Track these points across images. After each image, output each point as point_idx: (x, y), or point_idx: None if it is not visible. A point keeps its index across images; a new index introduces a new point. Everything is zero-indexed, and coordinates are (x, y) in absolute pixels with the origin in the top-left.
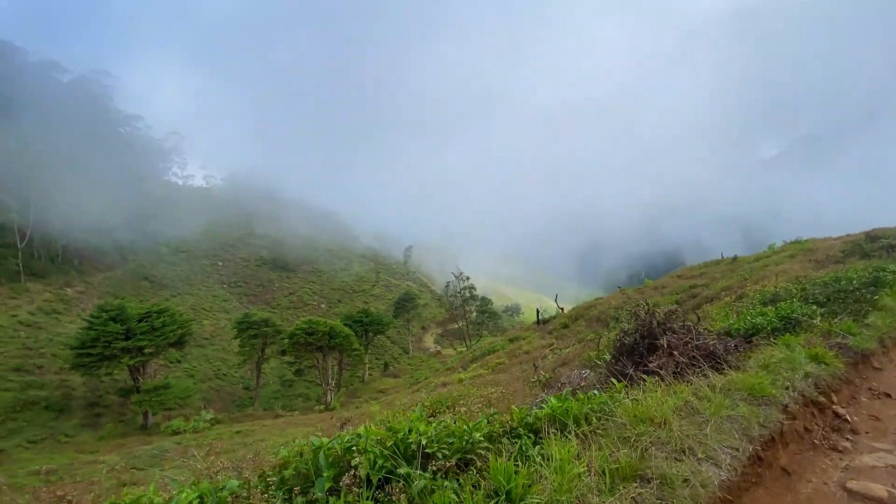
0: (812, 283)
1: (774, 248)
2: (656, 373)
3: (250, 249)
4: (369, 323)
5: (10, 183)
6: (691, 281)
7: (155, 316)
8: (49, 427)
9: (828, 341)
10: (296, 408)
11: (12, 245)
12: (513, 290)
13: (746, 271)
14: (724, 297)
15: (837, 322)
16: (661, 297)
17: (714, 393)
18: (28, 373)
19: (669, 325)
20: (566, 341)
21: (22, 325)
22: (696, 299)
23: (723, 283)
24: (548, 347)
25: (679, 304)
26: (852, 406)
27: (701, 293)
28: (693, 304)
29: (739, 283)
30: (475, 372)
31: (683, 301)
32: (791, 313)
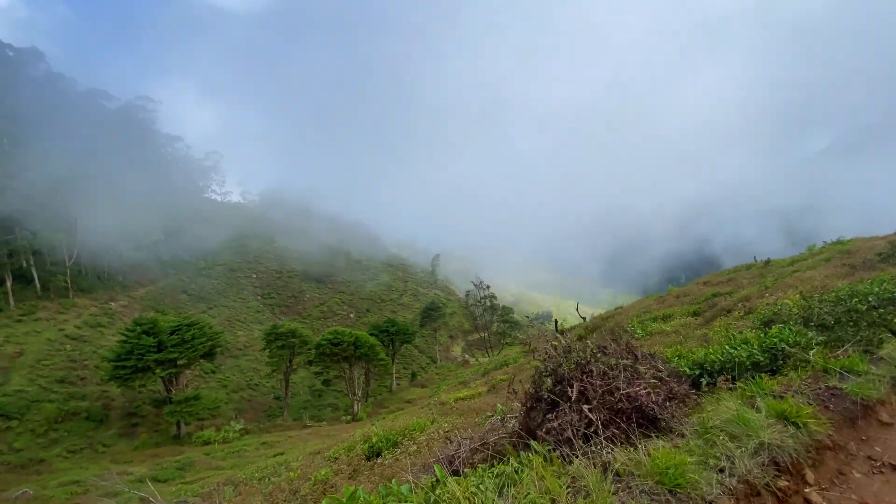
0: (822, 298)
1: (814, 249)
2: (560, 435)
3: (282, 262)
4: (395, 332)
5: (58, 205)
6: (716, 288)
7: (185, 329)
8: (88, 437)
9: (816, 385)
10: (324, 418)
11: (61, 263)
12: (544, 296)
13: (773, 278)
14: (737, 310)
15: (840, 355)
16: (679, 306)
17: (603, 481)
18: (71, 384)
19: (590, 366)
20: None
21: (68, 338)
22: (713, 310)
23: (742, 293)
24: None
25: (698, 314)
26: (838, 487)
27: (720, 303)
28: (710, 316)
29: (759, 293)
30: (475, 390)
31: (703, 311)
32: (779, 342)
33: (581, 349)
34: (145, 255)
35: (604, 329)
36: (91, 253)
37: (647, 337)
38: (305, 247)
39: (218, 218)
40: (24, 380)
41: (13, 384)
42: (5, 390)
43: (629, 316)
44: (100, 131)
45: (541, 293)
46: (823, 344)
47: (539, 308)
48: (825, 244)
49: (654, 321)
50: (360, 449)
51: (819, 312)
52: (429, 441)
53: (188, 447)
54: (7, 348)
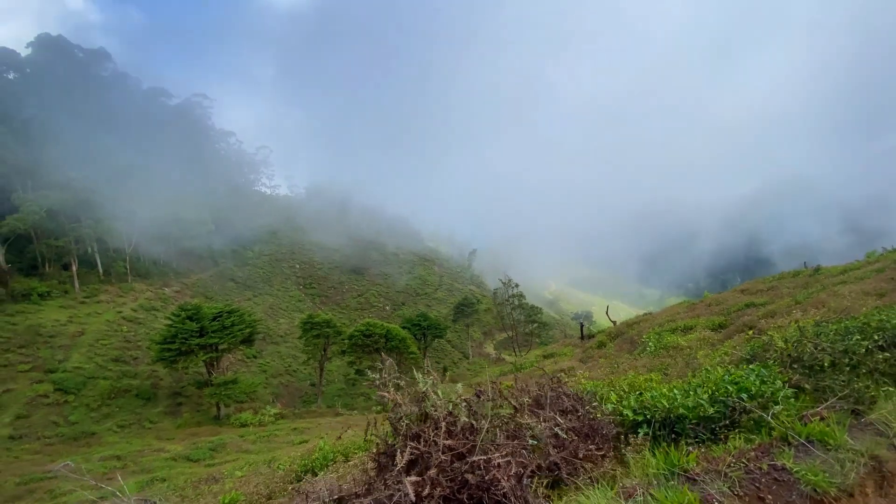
0: (820, 331)
1: (872, 256)
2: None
3: (324, 253)
4: (427, 327)
5: (119, 195)
6: (753, 297)
7: (226, 316)
8: (137, 413)
9: (760, 461)
10: (356, 407)
11: (122, 250)
12: (586, 294)
13: (812, 290)
14: (754, 328)
15: (815, 415)
16: (707, 316)
17: None
18: (125, 363)
19: (442, 421)
20: (589, 364)
21: (125, 320)
22: (737, 324)
23: (770, 307)
24: (564, 371)
25: (722, 327)
26: None
27: (744, 317)
28: (732, 331)
29: (787, 308)
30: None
31: (728, 324)
32: (736, 393)
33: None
34: (197, 244)
35: (626, 336)
36: (148, 241)
37: (656, 353)
38: (345, 239)
39: (266, 210)
40: (83, 357)
41: (73, 361)
42: (65, 367)
43: (654, 324)
44: (160, 127)
45: (584, 291)
46: (806, 394)
47: (579, 306)
48: (884, 251)
49: (672, 333)
50: (296, 465)
51: (811, 351)
52: (353, 466)
53: (226, 428)
54: (70, 328)
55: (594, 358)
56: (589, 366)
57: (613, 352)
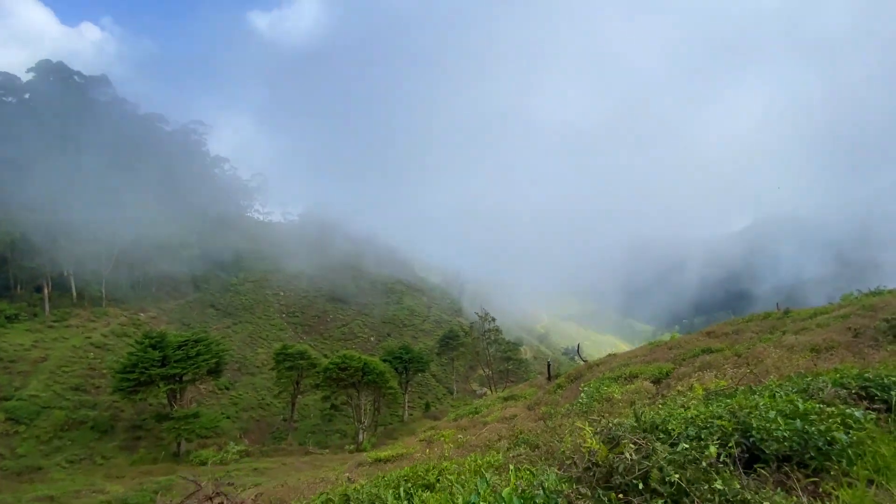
0: (682, 417)
1: (847, 299)
2: None
3: (311, 281)
4: (409, 360)
5: (101, 219)
6: (716, 341)
7: (191, 345)
8: (90, 448)
9: None
10: (330, 444)
11: (100, 273)
12: (578, 328)
13: (768, 337)
14: (673, 388)
15: None
16: (661, 362)
17: None
18: (85, 392)
19: None
20: (525, 415)
21: (93, 346)
22: (667, 380)
23: (708, 359)
24: (506, 419)
25: (668, 376)
26: None
27: (684, 368)
28: (669, 383)
29: (725, 360)
30: (407, 447)
31: (671, 373)
32: None
33: None
34: (181, 268)
35: (585, 378)
36: (128, 265)
37: (588, 406)
38: (335, 267)
39: (256, 236)
40: (41, 385)
41: (30, 389)
42: (20, 395)
43: (610, 367)
44: (152, 152)
45: (578, 325)
46: None
47: (570, 341)
48: (858, 294)
49: (615, 381)
50: None
51: (629, 460)
52: None
53: (183, 466)
54: (33, 353)
55: (540, 405)
56: (524, 416)
57: (560, 398)
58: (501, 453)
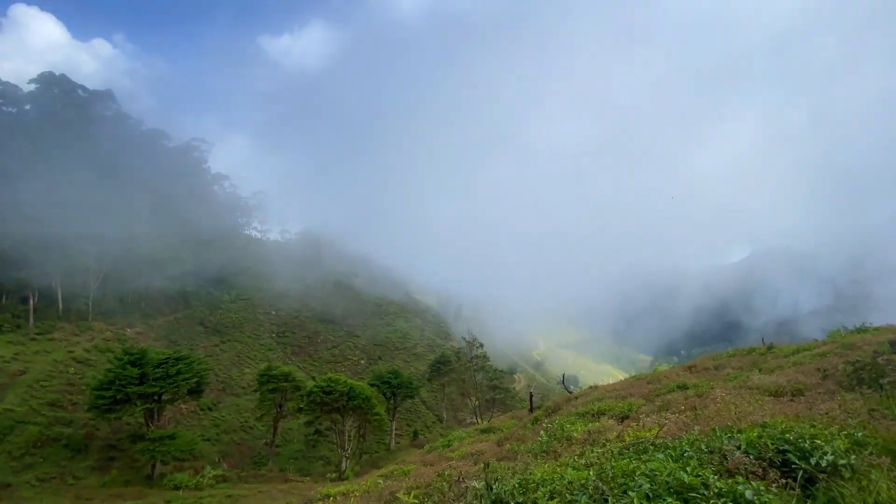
0: None
1: (832, 335)
2: None
3: (303, 301)
4: (398, 385)
5: (93, 232)
6: (693, 376)
7: (171, 363)
8: (62, 466)
9: None
10: (313, 471)
11: (88, 286)
12: (577, 357)
13: (743, 373)
14: (610, 435)
15: None
16: (636, 397)
17: None
18: (61, 408)
19: None
20: (489, 454)
21: (75, 360)
22: (628, 420)
23: (669, 397)
24: (464, 457)
25: (626, 417)
26: None
27: (643, 408)
28: (625, 424)
29: (684, 400)
30: (350, 484)
31: (638, 409)
32: None
33: None
34: (171, 284)
35: (563, 412)
36: (119, 279)
37: (547, 444)
38: (328, 287)
39: (251, 254)
40: (18, 399)
41: (6, 402)
42: None
43: (588, 400)
44: (152, 168)
45: (575, 353)
46: None
47: (566, 369)
48: (844, 331)
49: (583, 417)
50: None
51: None
52: None
53: (156, 490)
54: (13, 366)
55: (511, 440)
56: (490, 452)
57: (532, 433)
58: None
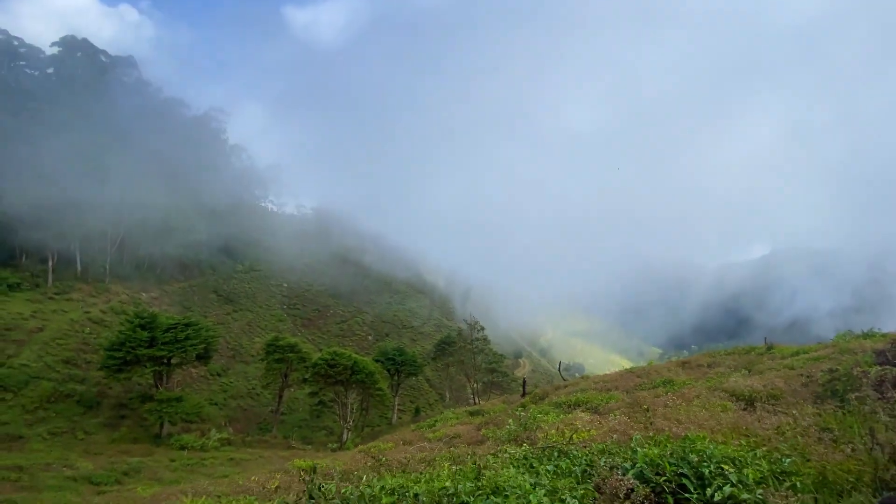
0: None
1: (839, 338)
2: None
3: (316, 274)
4: (402, 362)
5: (110, 196)
6: (685, 374)
7: (181, 328)
8: (74, 421)
9: None
10: (315, 440)
11: (105, 250)
12: (584, 345)
13: (711, 377)
14: (600, 420)
15: None
16: (621, 391)
17: None
18: (75, 366)
19: None
20: (465, 439)
21: (91, 321)
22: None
23: (640, 395)
24: (440, 439)
25: (596, 411)
26: None
27: (614, 405)
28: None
29: (654, 398)
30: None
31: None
32: None
33: None
34: (187, 252)
35: (551, 401)
36: (136, 244)
37: (514, 434)
38: (341, 263)
39: (267, 227)
40: (34, 355)
41: (22, 358)
42: (12, 363)
43: (575, 390)
44: (171, 136)
45: (584, 342)
46: None
47: (574, 356)
48: (850, 335)
49: (560, 407)
50: None
51: None
52: None
53: (162, 448)
54: (31, 322)
55: (492, 423)
56: (467, 436)
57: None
58: None
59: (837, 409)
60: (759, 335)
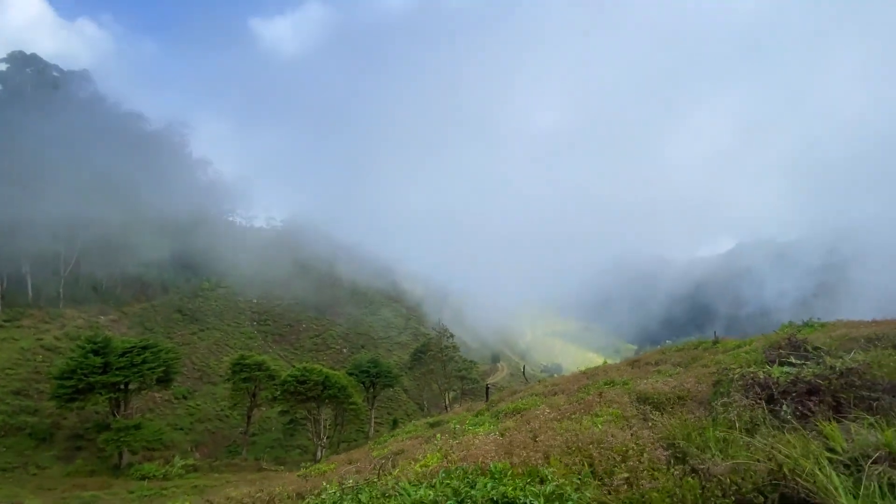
0: None
1: (786, 328)
2: None
3: (286, 288)
4: (377, 375)
5: (64, 215)
6: (632, 372)
7: (137, 351)
8: (26, 456)
9: None
10: (289, 460)
11: (58, 272)
12: (564, 345)
13: (624, 378)
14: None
15: None
16: (562, 395)
17: None
18: (27, 397)
19: None
20: (402, 455)
21: (43, 349)
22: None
23: (554, 400)
24: (381, 457)
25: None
26: None
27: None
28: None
29: (560, 404)
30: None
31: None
32: None
33: None
34: (149, 271)
35: (499, 412)
36: (93, 265)
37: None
38: (313, 275)
39: (235, 241)
40: None
41: None
42: None
43: (526, 394)
44: (129, 151)
45: (563, 342)
46: None
47: (553, 357)
48: (791, 325)
49: (497, 416)
50: None
51: None
52: None
53: (121, 480)
54: None
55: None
56: (413, 450)
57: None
58: None
59: (706, 416)
60: (732, 327)
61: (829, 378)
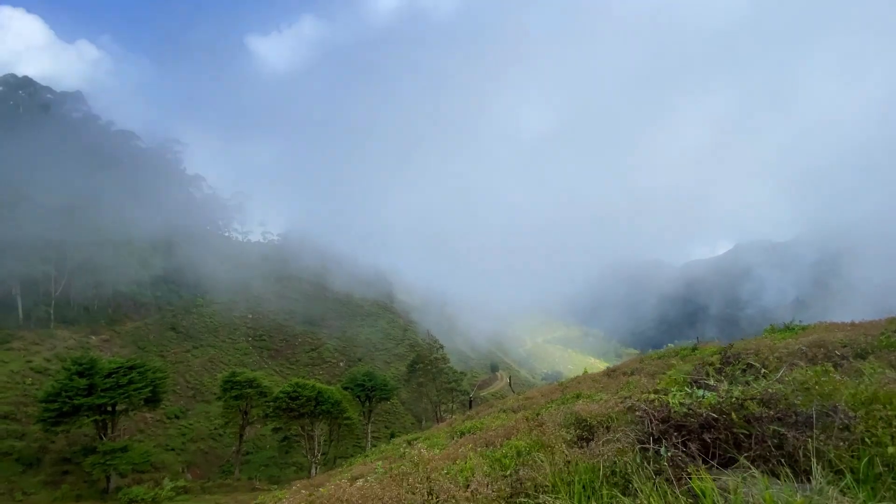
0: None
1: (770, 331)
2: None
3: (282, 303)
4: (372, 388)
5: (50, 236)
6: (607, 383)
7: (123, 372)
8: (11, 482)
9: None
10: (284, 478)
11: (48, 293)
12: (564, 352)
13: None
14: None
15: None
16: (531, 408)
17: None
18: (15, 421)
19: None
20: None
21: (33, 371)
22: None
23: (505, 419)
24: (353, 478)
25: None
26: None
27: (518, 427)
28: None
29: (516, 423)
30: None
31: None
32: None
33: None
34: (141, 289)
35: (478, 433)
36: (85, 285)
37: (383, 476)
38: (309, 289)
39: (229, 256)
40: None
41: None
42: None
43: (495, 409)
44: (122, 169)
45: (563, 348)
46: None
47: (553, 364)
48: (773, 329)
49: (457, 434)
50: None
51: None
52: None
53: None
54: None
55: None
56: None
57: (450, 444)
58: None
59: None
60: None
61: (725, 411)
